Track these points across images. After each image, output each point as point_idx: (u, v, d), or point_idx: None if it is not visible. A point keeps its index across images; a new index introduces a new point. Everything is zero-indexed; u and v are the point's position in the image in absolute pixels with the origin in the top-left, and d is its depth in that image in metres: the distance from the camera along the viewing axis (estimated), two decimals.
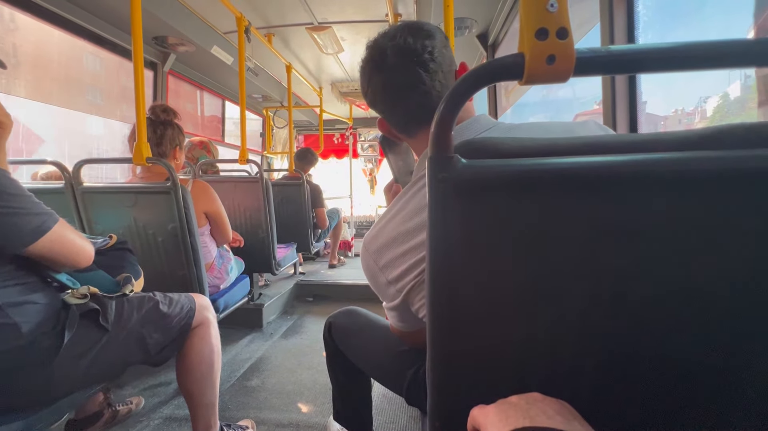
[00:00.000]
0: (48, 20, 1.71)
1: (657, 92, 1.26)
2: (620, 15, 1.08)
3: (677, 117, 1.30)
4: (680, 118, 1.29)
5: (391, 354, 0.86)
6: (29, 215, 0.76)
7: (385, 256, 0.61)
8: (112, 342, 0.90)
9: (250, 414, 1.42)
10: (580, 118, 1.61)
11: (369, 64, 0.64)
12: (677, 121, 1.30)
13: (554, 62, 0.33)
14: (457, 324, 0.39)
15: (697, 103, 1.20)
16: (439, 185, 0.36)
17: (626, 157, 0.35)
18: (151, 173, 1.43)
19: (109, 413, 1.31)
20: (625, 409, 0.38)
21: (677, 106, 1.32)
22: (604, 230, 0.36)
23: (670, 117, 1.33)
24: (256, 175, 2.13)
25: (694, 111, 1.23)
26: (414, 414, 1.40)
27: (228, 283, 1.71)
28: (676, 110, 1.32)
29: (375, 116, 3.22)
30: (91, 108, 2.15)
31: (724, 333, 0.35)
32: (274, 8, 2.15)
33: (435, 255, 0.38)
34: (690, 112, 1.25)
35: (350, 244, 4.24)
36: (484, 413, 0.34)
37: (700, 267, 0.35)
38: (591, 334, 0.38)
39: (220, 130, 3.32)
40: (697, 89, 1.20)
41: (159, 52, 2.29)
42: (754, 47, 0.33)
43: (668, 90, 1.34)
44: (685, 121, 1.27)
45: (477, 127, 0.61)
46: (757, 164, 0.33)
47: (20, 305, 0.78)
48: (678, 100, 1.30)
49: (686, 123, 1.26)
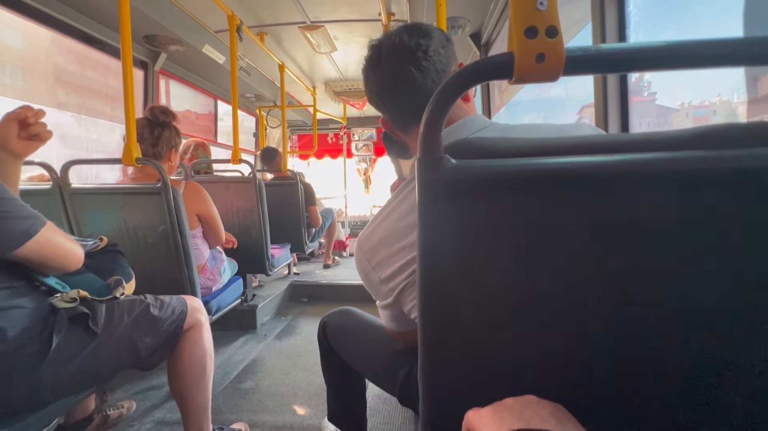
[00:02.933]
0: (35, 18, 1.68)
1: (670, 83, 1.23)
2: (611, 15, 1.09)
3: (684, 111, 1.27)
4: (687, 112, 1.26)
5: (384, 353, 0.85)
6: (15, 219, 0.75)
7: (378, 255, 0.61)
8: (101, 346, 0.89)
9: (243, 417, 1.41)
10: (585, 110, 1.60)
11: (367, 62, 0.66)
12: (684, 114, 1.28)
13: (544, 61, 0.32)
14: (448, 326, 0.39)
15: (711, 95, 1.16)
16: (429, 186, 0.36)
17: (618, 157, 0.35)
18: (143, 174, 1.41)
19: (99, 418, 1.29)
20: (619, 411, 0.38)
21: (684, 99, 1.28)
22: (596, 230, 0.36)
23: (678, 111, 1.30)
24: (249, 175, 2.12)
25: (700, 104, 1.21)
26: (408, 415, 1.40)
27: (221, 285, 1.69)
28: (681, 103, 1.30)
29: (369, 116, 3.22)
30: (5, 90, 1.70)
31: (721, 332, 0.35)
32: (266, 7, 2.13)
33: (425, 256, 0.37)
34: (697, 106, 1.23)
35: (345, 244, 4.23)
36: (479, 415, 0.34)
37: (694, 267, 0.35)
38: (584, 335, 0.37)
39: (212, 129, 3.29)
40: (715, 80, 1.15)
41: (149, 51, 2.26)
42: (745, 46, 0.33)
43: (682, 81, 1.30)
44: (693, 114, 1.24)
45: (470, 127, 0.61)
46: (751, 163, 0.33)
47: (6, 310, 0.76)
48: (689, 92, 1.26)
49: (694, 117, 1.23)
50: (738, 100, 0.98)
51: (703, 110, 1.20)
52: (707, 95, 1.19)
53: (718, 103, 1.13)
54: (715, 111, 1.14)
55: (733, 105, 1.05)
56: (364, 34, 2.47)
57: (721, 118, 1.10)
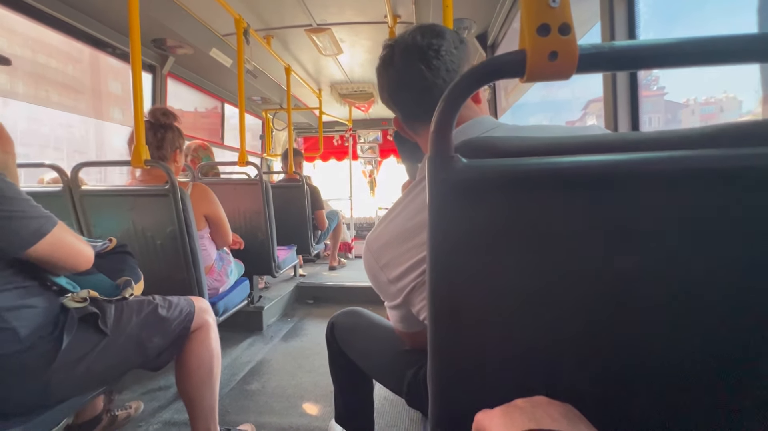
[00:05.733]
0: (46, 23, 1.70)
1: (677, 79, 1.20)
2: (621, 13, 1.08)
3: (690, 108, 1.25)
4: (694, 109, 1.24)
5: (391, 354, 0.85)
6: (27, 218, 0.76)
7: (386, 255, 0.61)
8: (110, 346, 0.90)
9: (250, 418, 1.41)
10: (592, 105, 1.59)
11: (381, 61, 0.67)
12: (691, 112, 1.25)
13: (556, 59, 0.32)
14: (457, 326, 0.38)
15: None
16: (439, 185, 0.36)
17: (628, 156, 0.35)
18: (151, 176, 1.42)
19: (107, 418, 1.30)
20: (630, 411, 0.38)
21: (690, 95, 1.26)
22: (606, 230, 0.35)
23: (685, 107, 1.28)
24: (256, 177, 2.13)
25: (706, 101, 1.19)
26: (415, 417, 1.39)
27: (228, 286, 1.70)
28: (687, 100, 1.28)
29: (374, 118, 3.22)
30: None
31: (729, 334, 0.35)
32: (272, 10, 2.15)
33: (435, 256, 0.37)
34: (703, 102, 1.21)
35: (350, 246, 4.23)
36: (489, 417, 0.34)
37: (703, 267, 0.34)
38: (594, 335, 0.37)
39: (219, 132, 3.32)
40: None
41: (158, 55, 2.29)
42: (761, 42, 0.32)
43: (686, 77, 1.27)
44: (699, 111, 1.23)
45: (480, 127, 0.61)
46: (760, 162, 0.33)
47: (18, 309, 0.77)
48: (693, 89, 1.24)
49: (701, 114, 1.22)
50: (746, 97, 0.97)
51: (710, 107, 1.18)
52: (714, 92, 1.17)
53: (725, 100, 1.12)
54: (722, 108, 1.12)
55: (739, 101, 1.03)
56: (370, 36, 2.48)
57: (728, 115, 1.08)
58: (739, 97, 1.06)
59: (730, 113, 1.09)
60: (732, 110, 1.08)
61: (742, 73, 0.91)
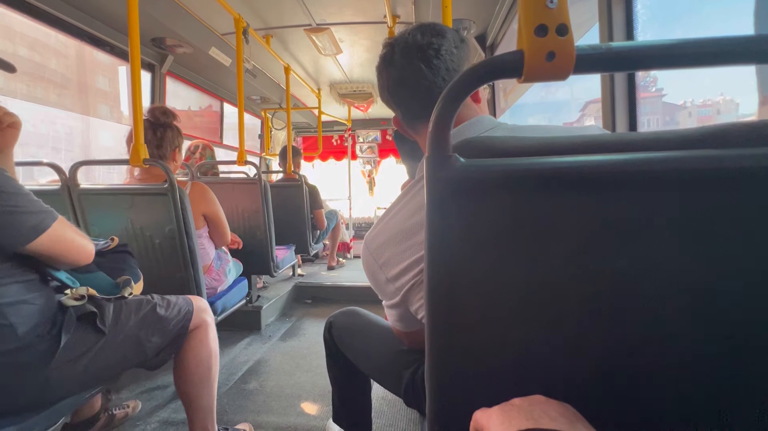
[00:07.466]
0: (45, 21, 1.70)
1: (674, 80, 1.20)
2: (619, 14, 1.08)
3: (688, 110, 1.25)
4: (691, 111, 1.24)
5: (389, 354, 0.85)
6: (28, 213, 0.76)
7: (385, 254, 0.61)
8: (109, 345, 0.90)
9: (248, 418, 1.41)
10: (590, 105, 1.59)
11: (381, 59, 0.67)
12: (688, 114, 1.25)
13: (554, 59, 0.32)
14: (456, 326, 0.38)
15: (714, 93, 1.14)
16: (437, 184, 0.36)
17: (626, 156, 0.35)
18: (149, 175, 1.42)
19: (105, 417, 1.30)
20: (628, 411, 0.38)
21: (687, 97, 1.27)
22: (604, 230, 0.35)
23: (681, 109, 1.29)
24: (255, 176, 2.12)
25: (703, 103, 1.19)
26: (413, 416, 1.39)
27: (226, 285, 1.70)
28: (684, 101, 1.28)
29: (373, 118, 3.22)
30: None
31: (728, 333, 0.35)
32: (272, 10, 2.15)
33: (433, 255, 0.37)
34: (700, 104, 1.21)
35: (349, 246, 4.23)
36: (487, 415, 0.34)
37: (702, 267, 0.35)
38: (592, 334, 0.37)
39: (218, 131, 3.32)
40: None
41: (157, 54, 2.29)
42: (758, 43, 0.32)
43: (683, 79, 1.27)
44: (696, 113, 1.23)
45: (479, 126, 0.61)
46: (758, 163, 0.33)
47: (17, 305, 0.77)
48: (690, 91, 1.25)
49: (698, 116, 1.22)
50: (743, 100, 0.97)
51: (707, 109, 1.19)
52: (710, 94, 1.18)
53: (722, 102, 1.12)
54: (719, 110, 1.12)
55: (736, 104, 1.03)
56: (369, 36, 2.48)
57: (725, 117, 1.08)
58: (736, 100, 1.06)
59: (727, 115, 1.09)
60: (729, 112, 1.08)
61: (739, 75, 0.91)
